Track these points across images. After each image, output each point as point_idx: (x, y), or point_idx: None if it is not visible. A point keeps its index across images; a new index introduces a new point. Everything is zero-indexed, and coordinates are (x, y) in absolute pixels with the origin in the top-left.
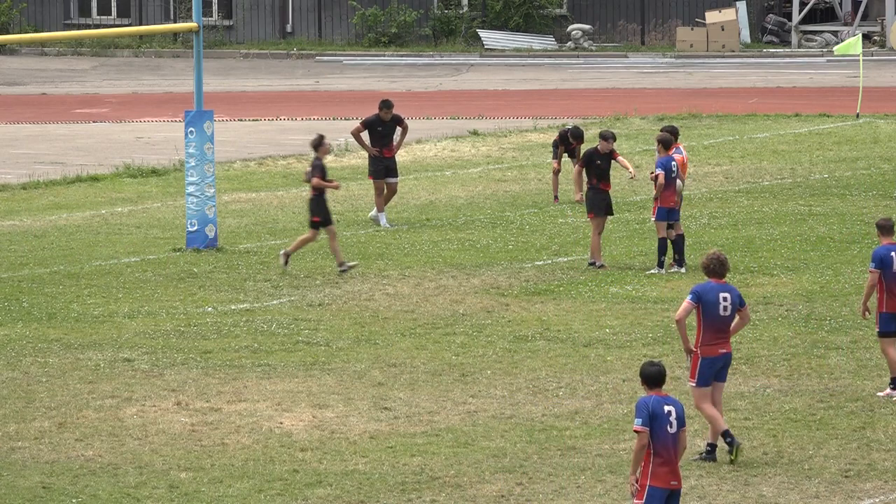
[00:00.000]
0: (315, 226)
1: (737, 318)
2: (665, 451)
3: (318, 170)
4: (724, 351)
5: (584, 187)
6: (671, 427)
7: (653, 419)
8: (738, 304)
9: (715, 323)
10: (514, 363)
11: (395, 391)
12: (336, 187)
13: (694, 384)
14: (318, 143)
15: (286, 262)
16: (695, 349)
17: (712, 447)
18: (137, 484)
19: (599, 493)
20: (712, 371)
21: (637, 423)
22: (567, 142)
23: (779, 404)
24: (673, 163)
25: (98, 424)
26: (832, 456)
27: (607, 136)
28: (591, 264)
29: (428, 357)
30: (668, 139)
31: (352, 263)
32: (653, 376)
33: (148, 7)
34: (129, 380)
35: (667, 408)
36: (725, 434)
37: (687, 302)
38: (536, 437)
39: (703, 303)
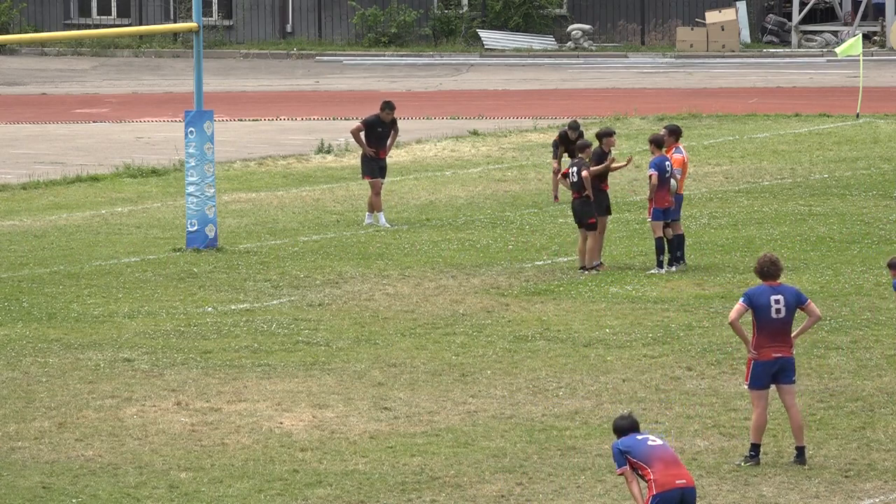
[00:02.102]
0: (592, 227)
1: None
2: (659, 460)
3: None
4: (779, 355)
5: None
6: (653, 442)
7: (628, 451)
8: (798, 303)
9: (768, 326)
10: (514, 363)
11: (395, 391)
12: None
13: (748, 386)
14: (585, 146)
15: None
16: (751, 350)
17: (755, 448)
18: (137, 484)
19: (599, 493)
20: (766, 375)
21: (617, 469)
22: (567, 141)
23: (779, 404)
24: (667, 163)
25: (98, 424)
26: (832, 456)
27: (610, 133)
28: (597, 265)
29: (428, 357)
30: (661, 139)
31: (584, 274)
32: (624, 429)
33: (148, 7)
34: (129, 380)
35: (640, 437)
36: (799, 451)
37: (739, 304)
38: (536, 437)
39: (755, 306)
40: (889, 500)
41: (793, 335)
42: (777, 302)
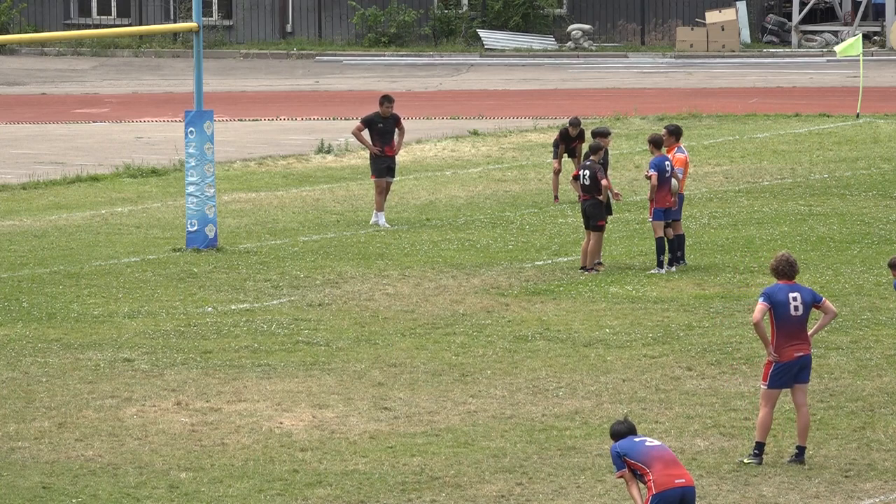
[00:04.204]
0: (599, 229)
1: (821, 314)
2: (658, 460)
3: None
4: (800, 354)
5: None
6: (651, 443)
7: (626, 453)
8: (813, 301)
9: (787, 324)
10: (514, 363)
11: (395, 391)
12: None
13: (766, 386)
14: (597, 148)
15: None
16: (772, 353)
17: (760, 447)
18: (137, 484)
19: (599, 493)
20: (786, 376)
21: (616, 471)
22: (567, 139)
23: (779, 404)
24: (667, 162)
25: (98, 424)
26: (832, 456)
27: (605, 133)
28: (597, 264)
29: (428, 357)
30: (660, 139)
31: (584, 274)
32: (621, 433)
33: (148, 7)
34: (129, 380)
35: (637, 439)
36: (799, 451)
37: (760, 304)
38: (536, 437)
39: (774, 304)
40: (889, 500)
41: (810, 333)
42: (795, 299)
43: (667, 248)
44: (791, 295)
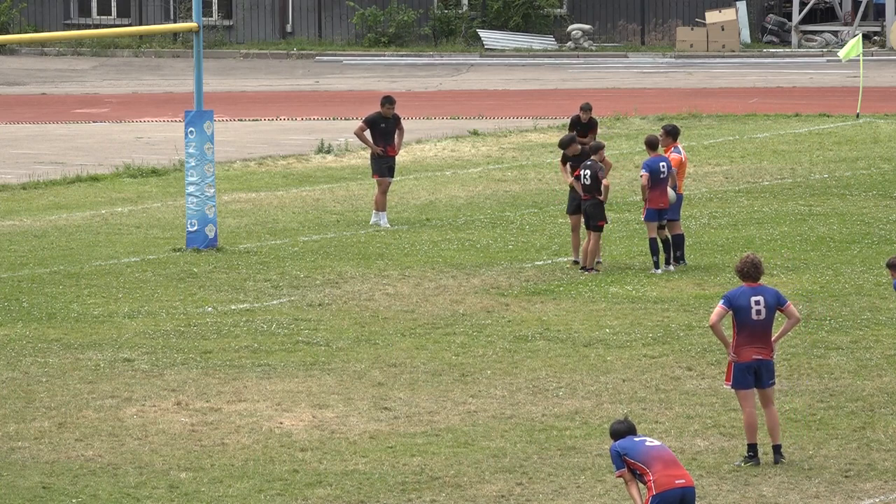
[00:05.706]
0: (599, 229)
1: (786, 318)
2: (658, 461)
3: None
4: (759, 357)
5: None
6: (651, 443)
7: (626, 453)
8: (778, 304)
9: (748, 328)
10: (514, 363)
11: (395, 391)
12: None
13: (730, 386)
14: (598, 148)
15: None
16: (730, 353)
17: (753, 448)
18: (137, 484)
19: (599, 493)
20: (748, 374)
21: (616, 471)
22: (579, 124)
23: (779, 404)
24: (661, 164)
25: (98, 424)
26: (832, 456)
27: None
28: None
29: (428, 357)
30: (654, 140)
31: (584, 274)
32: (620, 433)
33: (148, 7)
34: (129, 380)
35: (637, 439)
36: (776, 449)
37: (719, 307)
38: (536, 437)
39: (735, 308)
40: (889, 500)
41: (773, 339)
42: (757, 303)
43: (661, 247)
44: (753, 299)
